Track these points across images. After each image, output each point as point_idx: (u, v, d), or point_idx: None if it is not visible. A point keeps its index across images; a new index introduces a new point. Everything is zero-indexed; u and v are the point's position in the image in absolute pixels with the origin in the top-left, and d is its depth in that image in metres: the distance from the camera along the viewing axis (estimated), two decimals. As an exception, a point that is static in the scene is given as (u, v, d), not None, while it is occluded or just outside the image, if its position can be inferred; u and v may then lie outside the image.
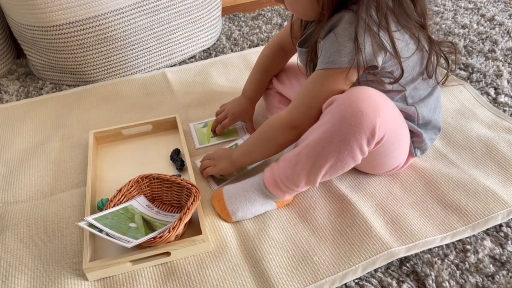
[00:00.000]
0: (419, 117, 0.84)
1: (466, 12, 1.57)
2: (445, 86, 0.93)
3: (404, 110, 0.82)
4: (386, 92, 0.78)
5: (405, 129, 0.82)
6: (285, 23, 1.61)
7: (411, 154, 0.88)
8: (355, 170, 0.94)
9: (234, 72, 1.35)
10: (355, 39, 0.69)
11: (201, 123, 1.12)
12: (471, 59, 1.30)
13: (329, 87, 0.75)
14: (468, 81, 1.21)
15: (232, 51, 1.48)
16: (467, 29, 1.46)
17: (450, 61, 0.81)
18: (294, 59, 1.06)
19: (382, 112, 0.71)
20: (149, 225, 0.82)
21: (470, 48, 1.36)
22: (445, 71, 0.85)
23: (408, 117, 0.83)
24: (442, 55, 0.79)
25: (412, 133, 0.85)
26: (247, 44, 1.50)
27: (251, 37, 1.54)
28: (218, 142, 1.07)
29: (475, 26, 1.48)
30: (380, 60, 0.72)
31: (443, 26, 1.49)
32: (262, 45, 1.49)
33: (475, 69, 1.25)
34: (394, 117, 0.77)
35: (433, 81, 0.83)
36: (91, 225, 0.76)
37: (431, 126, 0.87)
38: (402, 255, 0.78)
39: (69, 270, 0.80)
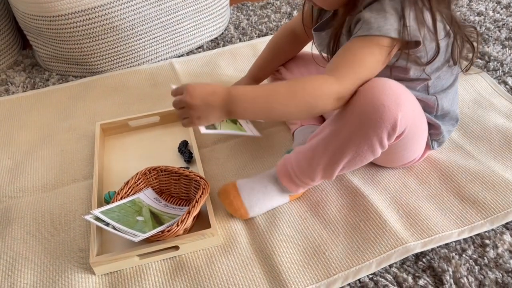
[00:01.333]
0: (439, 107, 0.81)
1: (481, -1, 1.52)
2: (468, 74, 0.89)
3: (424, 99, 0.79)
4: (410, 81, 0.76)
5: (424, 122, 0.79)
6: (295, 12, 1.58)
7: (428, 146, 0.85)
8: (369, 163, 0.91)
9: (243, 62, 1.32)
10: (402, 11, 0.66)
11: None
12: (488, 47, 1.26)
13: (377, 57, 0.68)
14: (485, 69, 1.17)
15: (240, 40, 1.45)
16: (482, 17, 1.42)
17: (475, 46, 0.78)
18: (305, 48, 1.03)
19: (403, 105, 0.68)
20: (157, 219, 0.80)
21: (487, 36, 1.31)
22: (465, 62, 0.81)
23: (427, 107, 0.80)
24: (467, 39, 0.76)
25: (430, 125, 0.82)
26: (255, 34, 1.47)
27: (259, 26, 1.51)
28: (226, 131, 0.86)
29: (491, 13, 1.43)
30: (421, 37, 0.69)
31: (458, 13, 1.45)
32: (271, 34, 1.46)
33: (491, 58, 1.21)
34: (415, 110, 0.74)
35: (457, 69, 0.81)
36: (97, 219, 0.75)
37: (448, 117, 0.84)
38: (418, 250, 0.76)
39: (76, 264, 0.79)
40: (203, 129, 0.73)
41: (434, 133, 0.84)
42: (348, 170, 0.78)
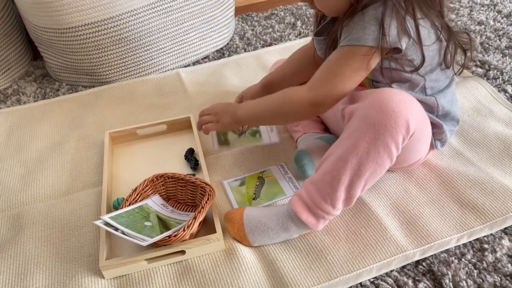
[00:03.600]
0: (439, 107, 0.84)
1: (482, 8, 1.55)
2: (461, 77, 0.92)
3: (424, 100, 0.82)
4: (406, 81, 0.79)
5: (428, 123, 0.82)
6: (298, 22, 1.61)
7: (431, 146, 0.87)
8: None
9: (248, 72, 1.35)
10: (381, 20, 0.70)
11: (237, 180, 0.97)
12: (488, 56, 1.28)
13: (353, 66, 0.74)
14: (485, 78, 1.19)
15: (245, 50, 1.48)
16: (483, 26, 1.44)
17: (467, 51, 0.80)
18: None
19: (411, 107, 0.71)
20: (164, 224, 0.82)
21: (487, 45, 1.33)
22: (461, 66, 0.84)
23: (428, 108, 0.83)
24: (459, 44, 0.79)
25: (433, 125, 0.84)
26: (260, 44, 1.51)
27: (264, 37, 1.54)
28: (240, 145, 1.00)
29: (491, 22, 1.45)
30: (403, 44, 0.72)
31: (459, 23, 1.47)
32: (275, 44, 1.49)
33: (492, 66, 1.23)
34: (421, 111, 0.77)
35: (451, 72, 0.83)
36: (107, 224, 0.77)
37: (450, 117, 0.87)
38: (417, 258, 0.78)
39: (86, 268, 0.81)
40: (216, 145, 0.97)
41: (437, 132, 0.86)
42: (369, 186, 0.76)
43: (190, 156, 1.02)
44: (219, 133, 1.01)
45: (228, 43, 1.53)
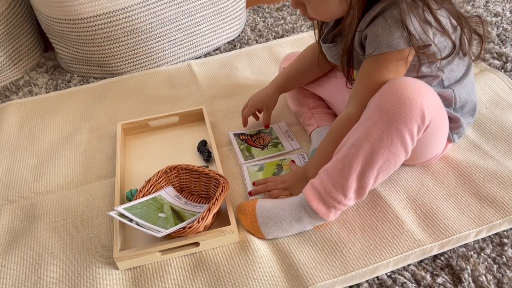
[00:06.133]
0: (456, 99, 0.82)
1: (498, 0, 1.52)
2: (478, 69, 0.89)
3: (441, 93, 0.80)
4: (422, 77, 0.77)
5: (445, 115, 0.80)
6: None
7: (448, 140, 0.86)
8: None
9: (259, 63, 1.34)
10: (402, 20, 0.69)
11: (256, 165, 0.97)
12: (505, 48, 1.25)
13: (393, 70, 0.74)
14: (502, 70, 1.17)
15: (257, 42, 1.47)
16: (499, 17, 1.41)
17: (481, 35, 0.78)
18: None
19: (426, 95, 0.70)
20: (178, 215, 0.82)
21: (504, 37, 1.31)
22: (476, 53, 0.82)
23: (445, 101, 0.81)
24: (473, 29, 0.77)
25: (450, 119, 0.83)
26: (272, 36, 1.49)
27: (275, 28, 1.53)
28: (265, 156, 0.99)
29: (508, 14, 1.42)
30: (431, 36, 0.71)
31: (475, 14, 1.44)
32: (287, 36, 1.47)
33: (509, 58, 1.20)
34: (437, 102, 0.75)
35: (468, 60, 0.82)
36: (121, 215, 0.77)
37: (467, 108, 0.85)
38: (435, 252, 0.76)
39: (100, 259, 0.81)
40: (241, 160, 0.98)
41: (454, 127, 0.84)
42: (382, 178, 0.75)
43: (203, 148, 1.01)
44: (243, 148, 1.02)
45: (239, 35, 1.52)
